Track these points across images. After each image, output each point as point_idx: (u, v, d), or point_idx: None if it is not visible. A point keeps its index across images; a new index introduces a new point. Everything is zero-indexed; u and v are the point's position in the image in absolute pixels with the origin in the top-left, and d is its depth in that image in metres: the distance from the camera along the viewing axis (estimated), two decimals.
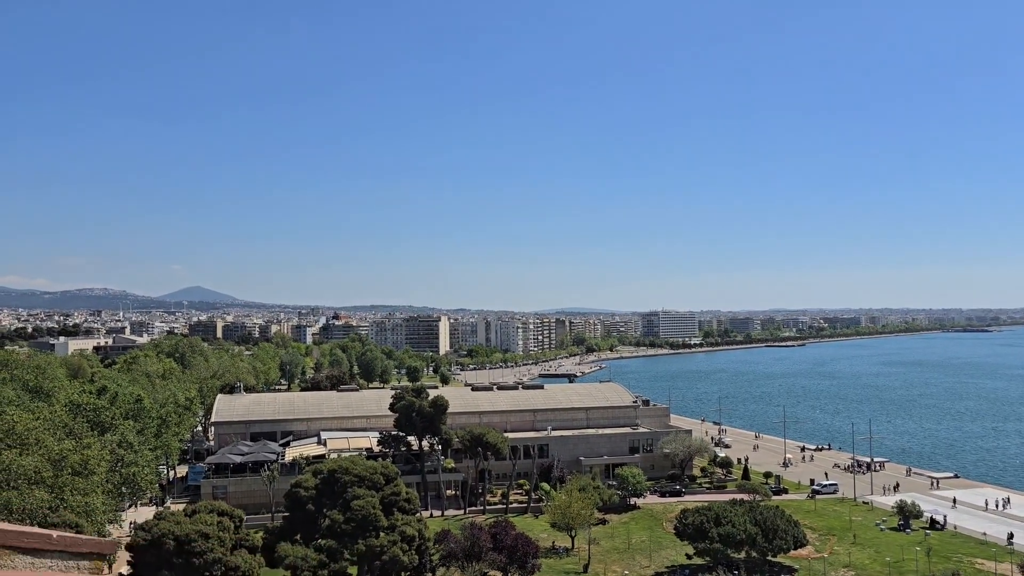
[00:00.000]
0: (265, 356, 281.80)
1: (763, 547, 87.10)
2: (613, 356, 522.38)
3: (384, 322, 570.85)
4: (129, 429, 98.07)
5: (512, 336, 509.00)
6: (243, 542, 62.94)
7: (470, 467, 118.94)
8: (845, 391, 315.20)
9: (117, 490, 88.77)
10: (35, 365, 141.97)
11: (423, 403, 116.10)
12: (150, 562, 57.49)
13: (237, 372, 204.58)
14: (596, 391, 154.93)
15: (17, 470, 69.49)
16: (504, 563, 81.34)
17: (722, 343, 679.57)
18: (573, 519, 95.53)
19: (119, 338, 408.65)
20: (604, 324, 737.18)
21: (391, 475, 75.39)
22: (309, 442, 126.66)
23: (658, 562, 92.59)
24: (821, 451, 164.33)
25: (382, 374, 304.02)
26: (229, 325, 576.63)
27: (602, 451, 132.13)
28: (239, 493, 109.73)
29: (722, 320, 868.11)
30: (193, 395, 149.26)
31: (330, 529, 69.21)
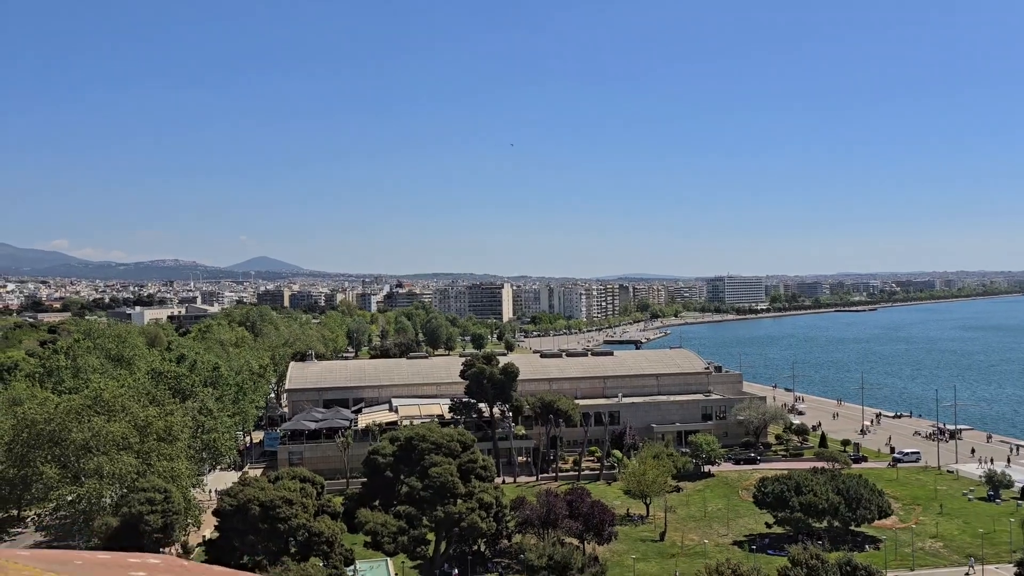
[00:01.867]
0: (332, 324, 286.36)
1: (846, 517, 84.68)
2: (678, 322, 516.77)
3: (447, 290, 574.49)
4: (208, 396, 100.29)
5: (575, 303, 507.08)
6: (325, 508, 63.46)
7: (541, 434, 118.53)
8: (921, 356, 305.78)
9: (199, 455, 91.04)
10: (116, 334, 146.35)
11: (494, 370, 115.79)
12: (236, 527, 58.33)
13: (307, 340, 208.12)
14: (667, 357, 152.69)
15: (106, 436, 71.53)
16: (580, 530, 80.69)
17: (789, 308, 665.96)
18: (648, 487, 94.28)
19: (191, 308, 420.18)
20: (668, 290, 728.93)
21: (467, 443, 75.15)
22: (381, 409, 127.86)
23: (736, 530, 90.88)
24: (899, 418, 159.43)
25: (447, 341, 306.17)
26: (295, 294, 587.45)
27: (674, 418, 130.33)
28: (314, 459, 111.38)
29: (789, 285, 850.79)
30: (266, 363, 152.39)
31: (408, 496, 69.37)
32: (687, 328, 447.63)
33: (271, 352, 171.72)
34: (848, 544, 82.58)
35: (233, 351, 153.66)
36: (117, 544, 58.70)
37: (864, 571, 59.96)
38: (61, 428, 72.07)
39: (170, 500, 60.19)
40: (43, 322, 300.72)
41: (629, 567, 76.33)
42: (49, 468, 70.08)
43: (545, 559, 69.73)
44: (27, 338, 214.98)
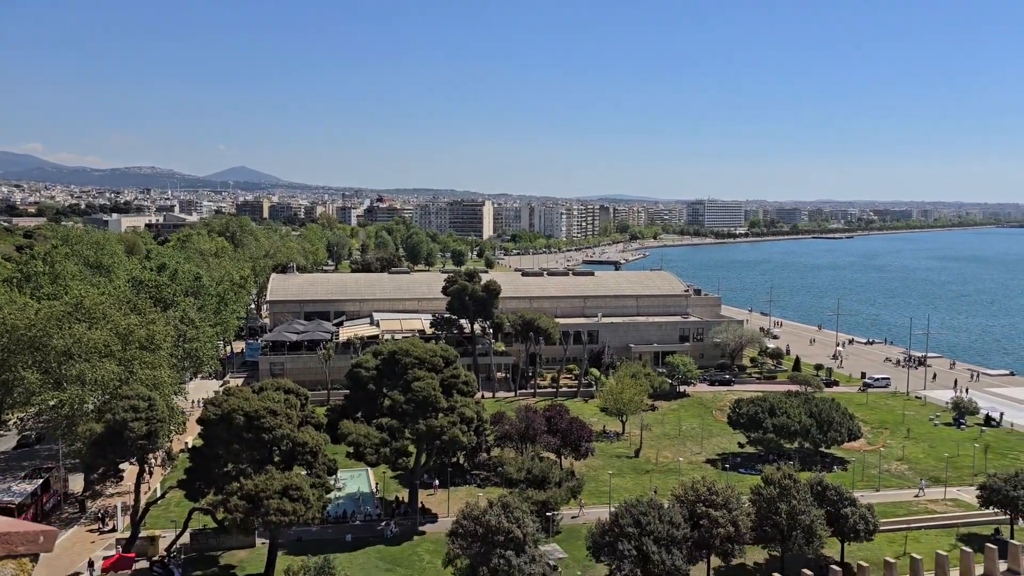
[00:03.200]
0: (312, 237, 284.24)
1: (817, 439, 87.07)
2: (657, 244, 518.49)
3: (428, 206, 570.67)
4: (190, 306, 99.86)
5: (555, 222, 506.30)
6: (308, 419, 64.08)
7: (521, 351, 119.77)
8: (895, 285, 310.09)
9: (180, 364, 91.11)
10: (94, 241, 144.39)
11: (475, 287, 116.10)
12: (220, 435, 58.83)
13: (287, 252, 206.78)
14: (647, 279, 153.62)
15: (87, 343, 71.23)
16: (558, 445, 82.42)
17: (768, 234, 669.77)
18: (624, 405, 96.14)
19: (169, 216, 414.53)
20: (648, 212, 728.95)
21: (450, 358, 75.73)
22: (362, 322, 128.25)
23: (709, 449, 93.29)
24: (872, 344, 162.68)
25: (427, 257, 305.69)
26: (275, 206, 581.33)
27: (652, 339, 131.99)
28: (295, 370, 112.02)
29: (768, 210, 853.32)
30: (247, 274, 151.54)
31: (391, 409, 70.21)
32: (666, 250, 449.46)
33: (252, 263, 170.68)
34: (818, 465, 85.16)
35: (213, 261, 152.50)
36: (102, 449, 59.19)
37: (834, 491, 61.94)
38: (42, 334, 71.64)
39: (154, 408, 60.47)
40: (18, 227, 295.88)
41: (605, 482, 78.35)
42: (30, 373, 69.93)
43: (523, 472, 71.38)
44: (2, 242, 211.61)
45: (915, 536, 68.85)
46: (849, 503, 61.09)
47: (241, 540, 63.45)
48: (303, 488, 55.69)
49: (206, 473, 60.86)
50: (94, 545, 66.04)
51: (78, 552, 64.63)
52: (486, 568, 52.30)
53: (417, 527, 70.05)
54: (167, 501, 66.40)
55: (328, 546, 63.57)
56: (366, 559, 63.47)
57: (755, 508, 60.58)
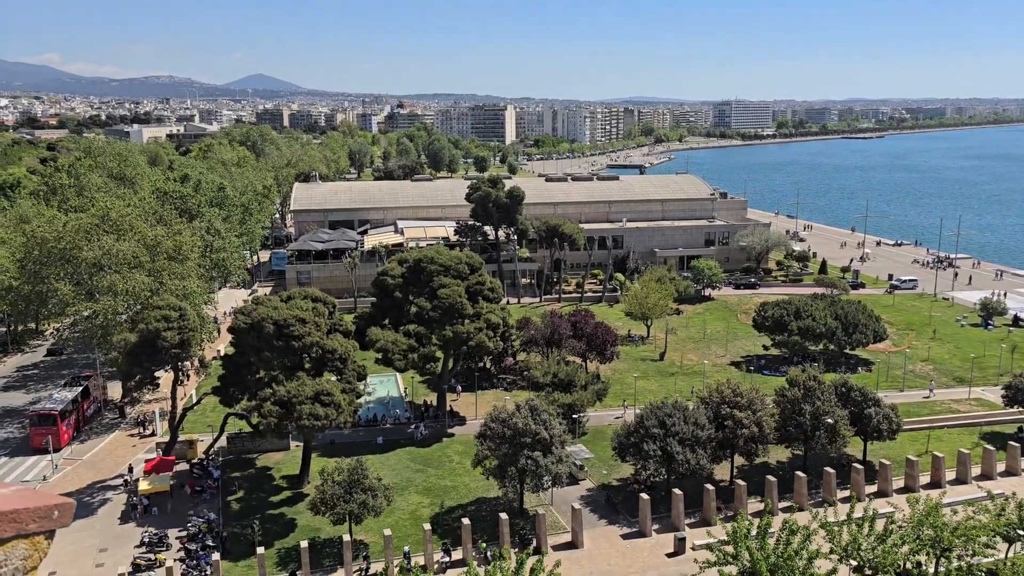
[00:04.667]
0: (334, 145, 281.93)
1: (842, 341, 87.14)
2: (682, 147, 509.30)
3: (449, 111, 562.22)
4: (215, 216, 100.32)
5: (579, 126, 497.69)
6: (337, 327, 64.98)
7: (545, 257, 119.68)
8: (926, 185, 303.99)
9: (208, 274, 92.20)
10: (116, 152, 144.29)
11: (499, 193, 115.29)
12: (251, 344, 59.92)
13: (309, 161, 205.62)
14: (672, 183, 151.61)
15: (117, 255, 72.14)
16: (583, 350, 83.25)
17: (796, 134, 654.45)
18: (649, 309, 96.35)
19: (190, 126, 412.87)
20: (673, 114, 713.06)
21: (475, 265, 75.92)
22: (386, 230, 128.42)
23: (733, 352, 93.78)
24: (900, 246, 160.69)
25: (450, 163, 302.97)
26: (295, 114, 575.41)
27: (677, 243, 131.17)
28: (322, 279, 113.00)
29: (797, 111, 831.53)
30: (270, 183, 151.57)
31: (418, 316, 70.92)
32: (692, 153, 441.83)
33: (274, 173, 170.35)
34: (842, 367, 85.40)
35: (236, 171, 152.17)
36: (137, 358, 60.60)
37: (858, 392, 62.28)
38: (71, 246, 72.54)
39: (185, 317, 61.48)
40: (40, 139, 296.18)
41: (630, 384, 79.34)
42: (63, 285, 71.18)
43: (550, 376, 72.36)
44: (26, 155, 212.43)
45: (938, 435, 69.52)
46: (873, 403, 61.50)
47: (276, 443, 65.49)
48: (334, 393, 56.94)
49: (239, 380, 62.35)
50: (135, 449, 68.51)
51: (120, 456, 67.14)
52: (514, 468, 53.68)
53: (446, 429, 71.77)
54: (202, 407, 68.33)
55: (360, 448, 65.46)
56: (397, 460, 65.36)
57: (779, 409, 61.26)
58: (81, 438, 70.41)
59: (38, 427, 66.59)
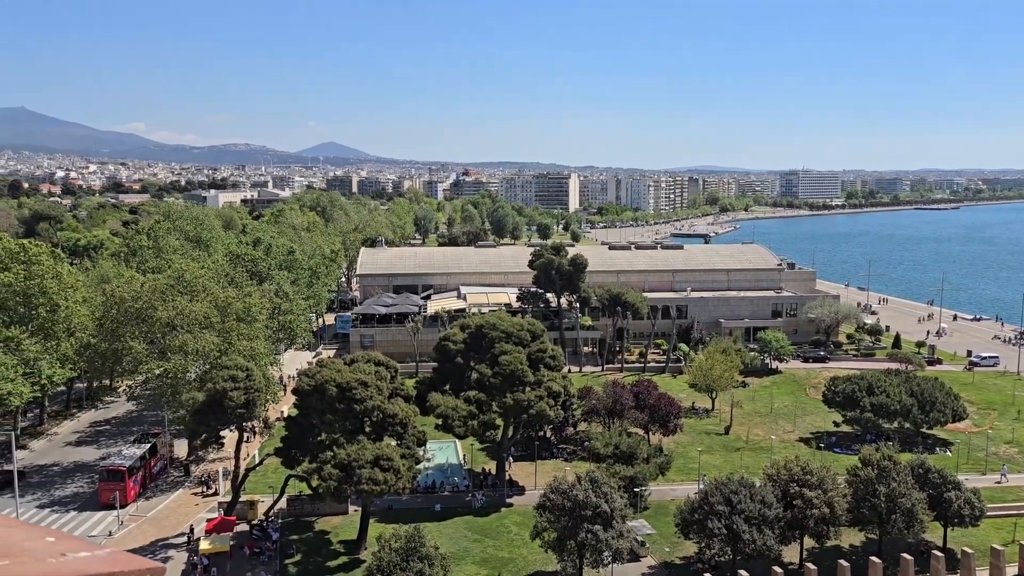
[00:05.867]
0: (400, 211, 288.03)
1: (918, 419, 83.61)
2: (748, 217, 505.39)
3: (514, 179, 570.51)
4: (284, 279, 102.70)
5: (643, 194, 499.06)
6: (398, 391, 65.13)
7: (608, 325, 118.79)
8: (1005, 258, 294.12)
9: (275, 336, 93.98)
10: (193, 216, 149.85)
11: (562, 261, 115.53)
12: (314, 406, 60.40)
13: (376, 226, 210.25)
14: (738, 252, 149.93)
15: (189, 315, 74.09)
16: (646, 421, 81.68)
17: (866, 205, 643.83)
18: (714, 381, 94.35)
19: (263, 192, 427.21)
20: (739, 183, 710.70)
21: (537, 332, 75.64)
22: (449, 296, 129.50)
23: (803, 428, 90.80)
24: (979, 321, 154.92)
25: (513, 230, 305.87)
26: (363, 180, 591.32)
27: (743, 314, 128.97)
28: (385, 342, 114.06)
29: (867, 181, 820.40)
30: (337, 248, 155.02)
31: (478, 382, 70.67)
32: (758, 223, 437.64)
33: (342, 237, 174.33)
34: (919, 447, 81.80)
35: (305, 235, 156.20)
36: (204, 417, 61.59)
37: (937, 474, 59.37)
38: (147, 306, 74.82)
39: (251, 378, 62.47)
40: (124, 203, 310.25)
41: (694, 459, 77.24)
42: (138, 343, 73.25)
43: (611, 448, 70.96)
44: (110, 218, 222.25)
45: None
46: (953, 486, 58.45)
47: (335, 507, 65.33)
48: (394, 458, 56.74)
49: (301, 442, 62.71)
50: (197, 508, 69.12)
51: (183, 514, 67.80)
52: (573, 542, 52.30)
53: (505, 499, 70.65)
54: (265, 467, 68.84)
55: (418, 515, 64.78)
56: (455, 529, 64.42)
57: (852, 489, 58.64)
58: (147, 495, 71.45)
59: (107, 482, 67.86)
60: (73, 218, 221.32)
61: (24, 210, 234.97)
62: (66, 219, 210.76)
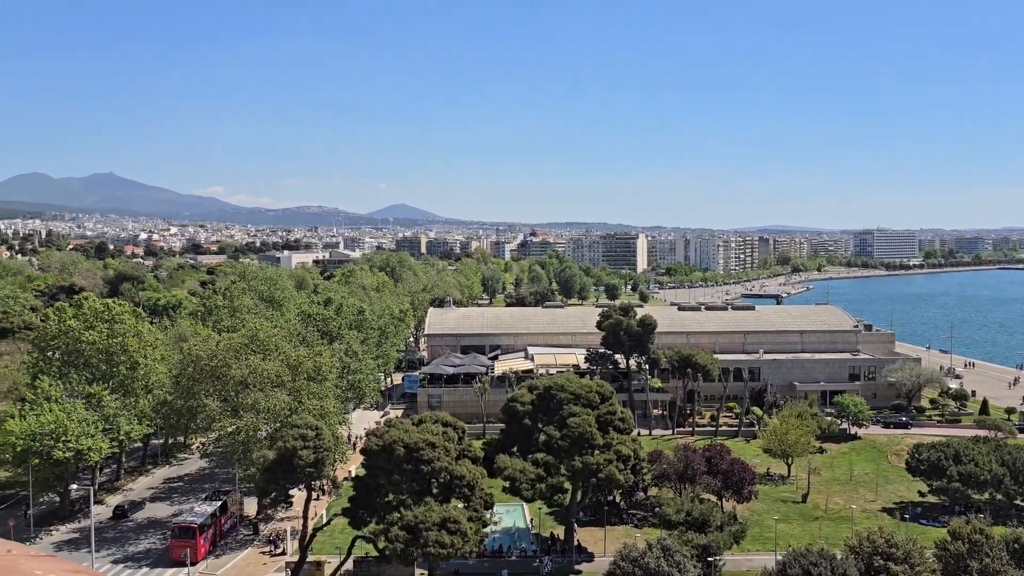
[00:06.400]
0: (468, 271, 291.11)
1: (1011, 490, 79.18)
2: (821, 277, 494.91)
3: (581, 239, 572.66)
4: (354, 339, 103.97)
5: (712, 254, 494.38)
6: (466, 452, 64.64)
7: (678, 387, 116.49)
8: None
9: (344, 395, 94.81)
10: (267, 277, 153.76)
11: (631, 321, 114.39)
12: (382, 466, 60.26)
13: (444, 286, 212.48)
14: (811, 313, 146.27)
15: (262, 373, 75.38)
16: (719, 487, 79.17)
17: (946, 264, 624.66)
18: (790, 446, 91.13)
19: (334, 252, 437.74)
20: (810, 243, 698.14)
21: (606, 394, 74.51)
22: (516, 356, 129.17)
23: (885, 497, 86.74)
24: None
25: (580, 291, 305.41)
26: (432, 241, 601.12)
27: (819, 377, 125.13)
28: (452, 403, 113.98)
29: (946, 240, 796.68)
30: (406, 307, 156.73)
31: (546, 444, 69.68)
32: (832, 283, 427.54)
33: (410, 297, 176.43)
34: (1014, 520, 77.13)
35: (375, 295, 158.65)
36: (274, 475, 62.03)
37: None
38: (222, 364, 76.48)
39: (321, 437, 62.84)
40: (202, 264, 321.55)
41: (770, 527, 74.27)
42: (212, 401, 74.72)
43: (683, 514, 68.86)
44: (189, 278, 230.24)
45: None
46: None
47: (401, 569, 64.46)
48: (461, 521, 55.99)
49: (368, 502, 62.46)
50: (265, 567, 69.20)
51: (251, 573, 67.92)
52: None
53: (573, 565, 68.89)
54: (332, 527, 68.69)
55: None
56: None
57: (941, 564, 55.48)
58: (217, 552, 71.92)
59: (178, 539, 68.62)
60: (154, 278, 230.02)
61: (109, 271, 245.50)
62: (148, 279, 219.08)
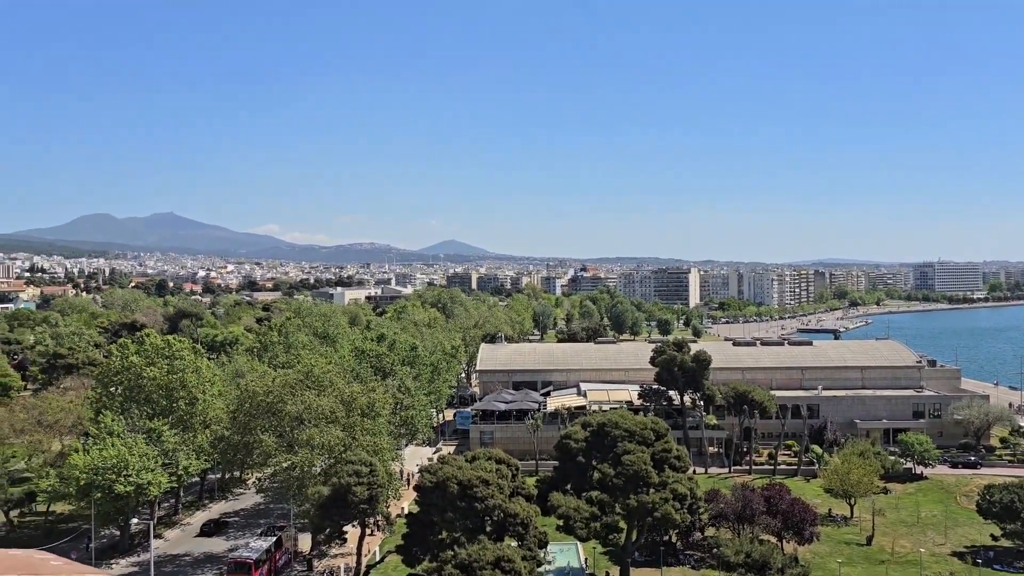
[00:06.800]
0: (518, 307, 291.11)
1: None
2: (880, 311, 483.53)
3: (632, 274, 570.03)
4: (407, 375, 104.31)
5: (766, 289, 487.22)
6: (519, 490, 64.01)
7: (734, 424, 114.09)
8: None
9: (397, 431, 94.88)
10: (321, 313, 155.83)
11: (685, 357, 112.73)
12: (435, 503, 59.98)
13: (495, 322, 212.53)
14: (872, 349, 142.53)
15: (316, 409, 75.89)
16: (779, 528, 76.92)
17: (1012, 298, 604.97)
18: (852, 486, 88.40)
19: (387, 289, 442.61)
20: (868, 276, 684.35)
21: (661, 431, 73.25)
22: (569, 392, 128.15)
23: (955, 540, 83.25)
24: None
25: (632, 326, 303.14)
26: (483, 277, 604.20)
27: (881, 414, 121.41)
28: (504, 439, 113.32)
29: (1011, 272, 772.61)
30: (458, 343, 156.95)
31: (600, 482, 68.61)
32: (892, 317, 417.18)
33: (462, 333, 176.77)
34: None
35: (426, 331, 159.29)
36: (328, 511, 62.06)
37: None
38: (278, 400, 77.22)
39: (375, 473, 62.88)
40: (258, 300, 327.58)
41: (833, 571, 71.79)
42: (268, 436, 75.37)
43: (742, 556, 66.88)
44: (245, 315, 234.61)
45: None
46: None
47: None
48: (515, 560, 55.19)
49: (422, 539, 62.12)
50: None
51: None
52: None
53: None
54: (386, 565, 68.40)
55: None
56: None
57: None
58: None
59: (234, 574, 68.89)
60: (212, 315, 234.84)
61: (169, 308, 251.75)
62: (206, 316, 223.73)
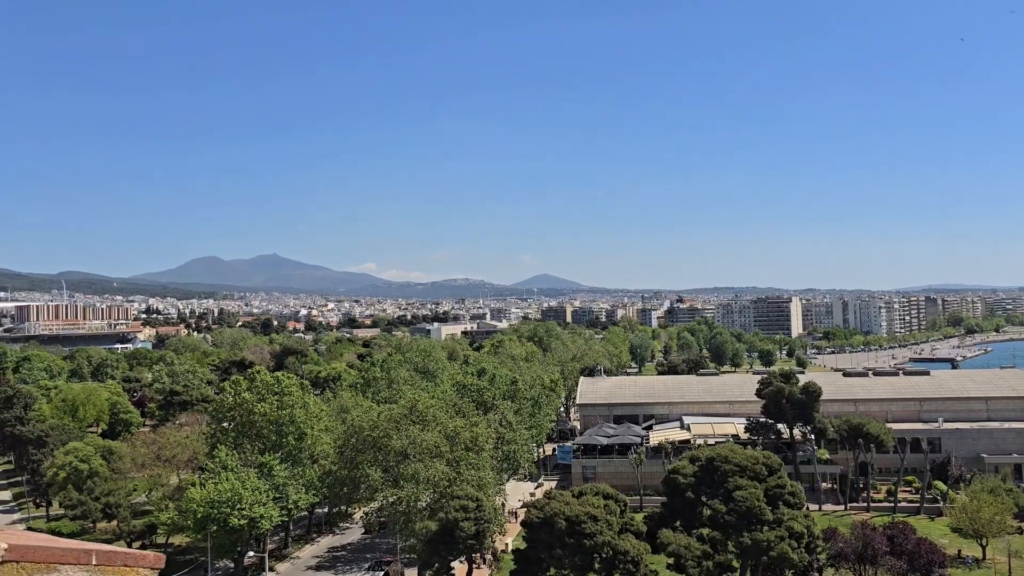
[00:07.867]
0: (615, 339, 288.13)
1: None
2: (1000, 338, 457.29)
3: (730, 304, 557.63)
4: (508, 409, 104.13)
5: (873, 317, 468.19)
6: (628, 526, 62.47)
7: (848, 459, 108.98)
8: None
9: (500, 466, 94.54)
10: (422, 348, 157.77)
11: (793, 389, 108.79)
12: (543, 539, 59.14)
13: (593, 355, 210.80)
14: (996, 378, 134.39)
15: (421, 444, 76.37)
16: (904, 570, 72.50)
17: None
18: (983, 525, 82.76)
19: (482, 323, 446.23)
20: (985, 302, 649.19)
21: (774, 466, 70.48)
22: (672, 426, 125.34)
23: None
24: None
25: (733, 357, 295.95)
26: (577, 310, 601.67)
27: (1011, 448, 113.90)
28: (607, 474, 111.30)
29: None
30: (556, 377, 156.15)
31: (712, 519, 66.36)
32: (1015, 344, 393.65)
33: (560, 367, 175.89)
34: None
35: (524, 365, 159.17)
36: (435, 547, 61.99)
37: None
38: (383, 435, 78.17)
39: (481, 508, 62.59)
40: (358, 337, 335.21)
41: None
42: (374, 471, 76.23)
43: None
44: (346, 351, 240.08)
45: None
46: None
47: None
48: None
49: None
50: None
51: None
52: None
53: None
54: None
55: None
56: None
57: None
58: None
59: None
60: (315, 352, 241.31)
61: (275, 345, 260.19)
62: (309, 353, 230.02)
